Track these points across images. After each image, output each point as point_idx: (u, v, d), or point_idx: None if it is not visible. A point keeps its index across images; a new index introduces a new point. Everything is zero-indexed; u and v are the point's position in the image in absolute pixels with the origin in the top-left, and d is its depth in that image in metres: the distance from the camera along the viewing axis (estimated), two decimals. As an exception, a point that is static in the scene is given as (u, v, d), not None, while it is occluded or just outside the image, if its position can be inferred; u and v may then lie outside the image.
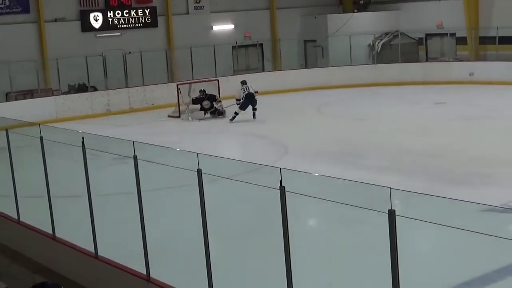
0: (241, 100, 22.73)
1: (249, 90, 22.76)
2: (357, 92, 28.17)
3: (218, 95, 24.46)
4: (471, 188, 12.95)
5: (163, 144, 11.90)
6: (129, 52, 28.37)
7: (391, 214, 5.40)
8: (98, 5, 28.83)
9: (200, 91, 24.21)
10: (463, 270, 8.87)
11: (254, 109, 22.78)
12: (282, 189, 6.38)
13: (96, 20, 28.82)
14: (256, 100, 22.69)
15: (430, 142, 17.56)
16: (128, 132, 20.65)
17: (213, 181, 7.85)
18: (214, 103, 23.97)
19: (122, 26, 29.35)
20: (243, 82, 23.39)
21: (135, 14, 29.54)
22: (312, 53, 33.74)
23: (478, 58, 30.30)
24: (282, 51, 33.08)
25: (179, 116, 24.24)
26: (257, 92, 22.99)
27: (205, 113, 23.85)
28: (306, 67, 33.04)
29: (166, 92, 26.76)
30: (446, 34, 31.87)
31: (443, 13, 32.09)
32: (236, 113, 22.67)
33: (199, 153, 7.39)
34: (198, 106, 23.96)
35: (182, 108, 24.45)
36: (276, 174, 6.41)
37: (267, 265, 9.26)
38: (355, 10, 33.93)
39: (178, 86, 24.65)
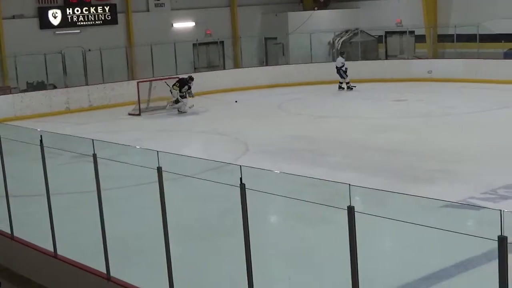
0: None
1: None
2: (317, 90, 28.30)
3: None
4: (431, 185, 13.09)
5: (123, 142, 11.84)
6: (89, 50, 28.14)
7: (350, 210, 5.44)
8: (57, 2, 28.53)
9: (190, 77, 24.53)
10: (422, 265, 8.96)
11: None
12: (243, 186, 6.37)
13: (55, 17, 28.51)
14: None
15: (390, 139, 17.71)
16: (88, 130, 20.49)
17: (173, 179, 7.82)
18: (188, 91, 24.18)
19: (82, 23, 29.07)
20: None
21: (94, 11, 29.28)
22: (273, 51, 33.82)
23: (437, 56, 30.70)
24: (242, 49, 33.11)
25: (139, 114, 24.11)
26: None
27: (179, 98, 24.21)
28: (266, 64, 33.14)
29: (127, 90, 26.58)
30: (405, 32, 32.24)
31: (402, 11, 32.42)
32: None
33: (159, 151, 7.36)
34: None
35: (143, 105, 24.33)
36: (237, 172, 6.40)
37: (228, 263, 9.26)
38: (316, 8, 34.08)
39: (139, 84, 24.50)
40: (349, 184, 5.35)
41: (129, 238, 10.66)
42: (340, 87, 28.13)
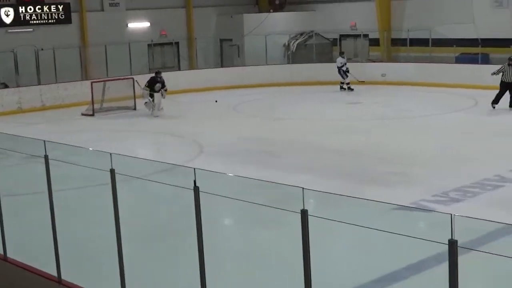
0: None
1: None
2: (272, 91, 28.38)
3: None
4: (385, 187, 13.21)
5: (76, 143, 11.70)
6: (42, 49, 27.76)
7: (304, 214, 5.45)
8: (9, 0, 28.08)
9: (156, 72, 24.00)
10: (374, 268, 9.04)
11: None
12: (196, 189, 6.35)
13: (7, 16, 28.05)
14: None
15: (345, 141, 17.84)
16: (40, 131, 20.21)
17: (126, 180, 7.76)
18: (162, 89, 23.50)
19: (35, 22, 28.64)
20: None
21: (48, 10, 28.87)
22: (228, 52, 33.82)
23: (390, 59, 31.03)
24: (198, 50, 33.04)
25: (93, 114, 23.87)
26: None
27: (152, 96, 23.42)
28: (222, 66, 33.11)
29: (80, 90, 26.29)
30: (360, 35, 32.53)
31: (357, 14, 32.71)
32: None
33: (112, 153, 7.29)
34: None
35: (96, 106, 24.09)
36: (191, 174, 6.38)
37: (181, 265, 9.22)
38: (271, 10, 34.17)
39: (93, 84, 24.26)
40: (303, 188, 5.36)
41: (81, 240, 10.53)
42: (341, 88, 28.17)
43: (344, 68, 28.00)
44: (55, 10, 29.05)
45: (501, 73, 21.23)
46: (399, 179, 13.85)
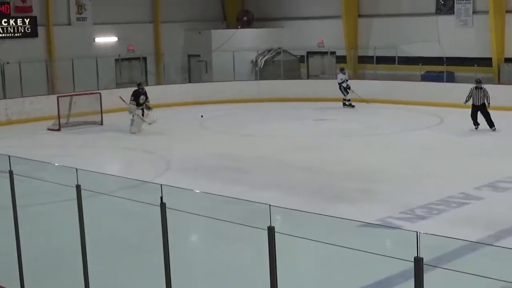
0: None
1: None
2: (240, 108, 28.41)
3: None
4: (351, 204, 13.27)
5: (41, 158, 11.59)
6: (8, 62, 27.50)
7: (271, 231, 5.45)
8: (-26, 13, 27.82)
9: (138, 84, 23.60)
10: (340, 285, 9.07)
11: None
12: (163, 205, 6.33)
13: (-27, 28, 27.80)
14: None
15: (311, 158, 17.90)
16: (5, 145, 19.96)
17: (92, 196, 7.71)
18: (147, 100, 23.10)
19: (1, 35, 28.36)
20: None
21: (14, 23, 28.63)
22: (196, 68, 33.81)
23: (357, 76, 31.28)
24: (165, 65, 32.99)
25: (59, 129, 23.66)
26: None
27: (142, 111, 22.94)
28: (189, 81, 33.07)
29: (46, 104, 26.04)
30: (327, 52, 32.75)
31: (324, 32, 32.94)
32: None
33: (78, 169, 7.24)
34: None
35: (62, 121, 23.88)
36: (157, 190, 6.35)
37: (147, 282, 9.16)
38: (239, 26, 34.28)
39: (59, 98, 24.06)
40: (269, 205, 5.37)
41: (46, 256, 10.42)
42: (344, 104, 27.88)
43: (344, 85, 27.76)
44: (21, 24, 28.81)
45: (471, 98, 21.37)
46: (366, 196, 13.92)
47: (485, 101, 20.93)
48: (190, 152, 19.30)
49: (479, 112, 21.03)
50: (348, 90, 27.65)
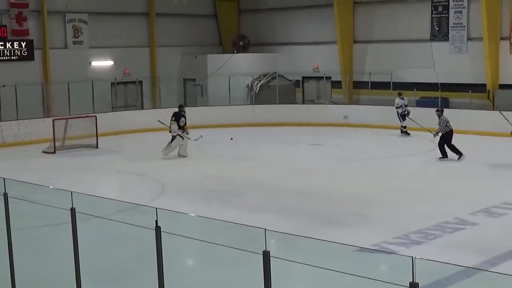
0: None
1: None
2: (235, 132, 28.42)
3: None
4: (346, 229, 13.26)
5: (36, 181, 11.58)
6: (4, 85, 27.53)
7: (266, 255, 5.45)
8: (-29, 36, 27.89)
9: (179, 106, 23.00)
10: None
11: None
12: (158, 229, 6.31)
13: (-31, 51, 27.86)
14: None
15: (306, 183, 17.90)
16: (0, 168, 19.93)
17: (87, 219, 7.69)
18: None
19: (-3, 58, 28.45)
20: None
21: (10, 46, 28.71)
22: (192, 92, 33.88)
23: (352, 102, 31.40)
24: (161, 89, 33.06)
25: (54, 152, 23.63)
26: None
27: (183, 132, 22.17)
28: (185, 105, 33.09)
29: (42, 127, 26.02)
30: (322, 77, 32.91)
31: (319, 57, 33.13)
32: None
33: (73, 191, 7.23)
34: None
35: (58, 144, 23.86)
36: (152, 213, 6.35)
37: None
38: (235, 51, 34.42)
39: (54, 121, 24.07)
40: (265, 229, 5.37)
41: (40, 280, 10.36)
42: (401, 131, 26.48)
43: (400, 110, 26.46)
44: (18, 47, 28.89)
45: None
46: (360, 220, 13.91)
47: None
48: (185, 175, 19.29)
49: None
50: (405, 116, 26.14)
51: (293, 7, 34.08)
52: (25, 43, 29.10)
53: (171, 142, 22.19)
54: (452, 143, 20.70)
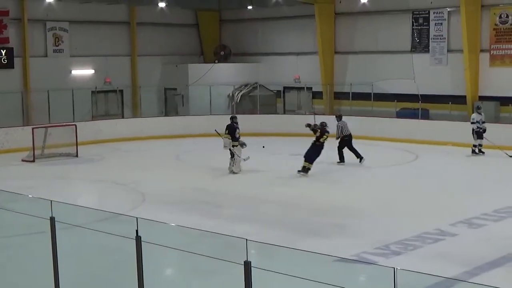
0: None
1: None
2: (215, 141, 28.32)
3: None
4: (326, 239, 13.26)
5: (15, 189, 11.47)
6: (-18, 93, 27.36)
7: (247, 265, 5.43)
8: (-50, 43, 27.68)
9: (232, 118, 22.02)
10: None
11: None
12: (138, 239, 6.28)
13: None
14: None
15: (286, 193, 17.90)
16: (-22, 176, 19.76)
17: (66, 228, 7.63)
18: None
19: (-24, 66, 28.25)
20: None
21: (-10, 54, 28.54)
22: (172, 101, 33.84)
23: (333, 112, 31.44)
24: (142, 98, 32.97)
25: (33, 161, 23.47)
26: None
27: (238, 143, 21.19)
28: (166, 115, 33.10)
29: (21, 136, 25.83)
30: (303, 88, 32.99)
31: (300, 67, 33.24)
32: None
33: (52, 200, 7.18)
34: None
35: (37, 152, 23.69)
36: (132, 223, 6.31)
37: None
38: (216, 61, 34.44)
39: (34, 130, 23.91)
40: (246, 239, 5.36)
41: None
42: (473, 151, 23.56)
43: (474, 127, 23.40)
44: (-3, 55, 28.73)
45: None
46: (341, 231, 13.92)
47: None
48: (165, 185, 19.22)
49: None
50: (481, 134, 23.37)
51: (275, 18, 34.17)
52: (5, 51, 28.94)
53: (232, 157, 21.11)
54: (354, 146, 22.19)
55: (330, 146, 24.37)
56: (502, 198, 16.78)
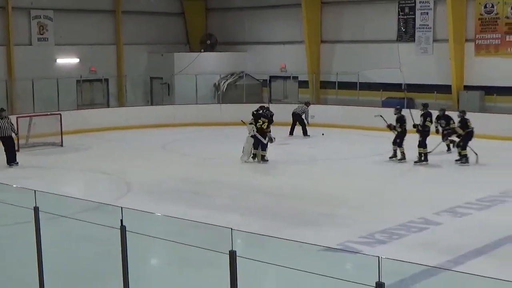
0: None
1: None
2: (202, 131, 28.36)
3: None
4: (312, 228, 13.28)
5: (-1, 180, 11.39)
6: (-34, 82, 27.16)
7: (232, 255, 5.43)
8: None
9: (263, 107, 22.32)
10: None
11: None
12: (123, 228, 6.26)
13: None
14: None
15: (272, 182, 17.94)
16: (-38, 166, 19.64)
17: (51, 218, 7.60)
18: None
19: (-40, 54, 28.03)
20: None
21: (-26, 43, 28.32)
22: (158, 90, 33.72)
23: (319, 101, 31.50)
24: (127, 87, 32.84)
25: (17, 150, 23.27)
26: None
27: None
28: (151, 104, 33.01)
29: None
30: (289, 77, 32.98)
31: (287, 56, 33.19)
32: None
33: (36, 190, 7.14)
34: None
35: (21, 141, 23.55)
36: (117, 213, 6.29)
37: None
38: (202, 50, 34.33)
39: (18, 119, 23.75)
40: (231, 228, 5.35)
41: (2, 280, 10.21)
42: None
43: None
44: (-19, 43, 28.52)
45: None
46: (326, 220, 13.96)
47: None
48: (151, 174, 19.18)
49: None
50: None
51: (261, 7, 34.07)
52: (-11, 39, 28.72)
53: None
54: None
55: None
56: (485, 187, 16.88)
